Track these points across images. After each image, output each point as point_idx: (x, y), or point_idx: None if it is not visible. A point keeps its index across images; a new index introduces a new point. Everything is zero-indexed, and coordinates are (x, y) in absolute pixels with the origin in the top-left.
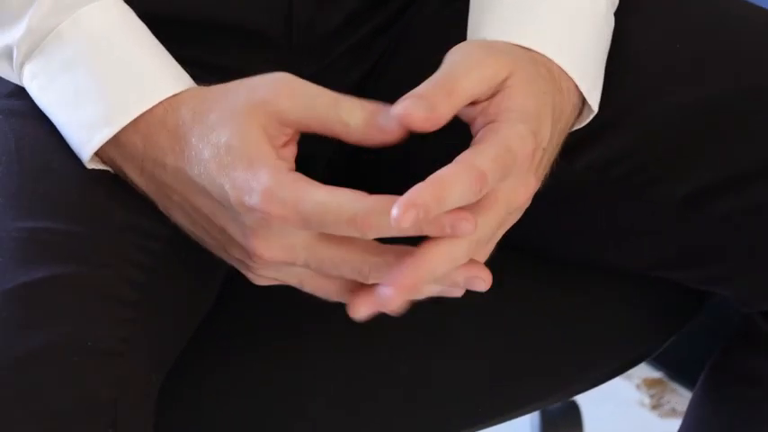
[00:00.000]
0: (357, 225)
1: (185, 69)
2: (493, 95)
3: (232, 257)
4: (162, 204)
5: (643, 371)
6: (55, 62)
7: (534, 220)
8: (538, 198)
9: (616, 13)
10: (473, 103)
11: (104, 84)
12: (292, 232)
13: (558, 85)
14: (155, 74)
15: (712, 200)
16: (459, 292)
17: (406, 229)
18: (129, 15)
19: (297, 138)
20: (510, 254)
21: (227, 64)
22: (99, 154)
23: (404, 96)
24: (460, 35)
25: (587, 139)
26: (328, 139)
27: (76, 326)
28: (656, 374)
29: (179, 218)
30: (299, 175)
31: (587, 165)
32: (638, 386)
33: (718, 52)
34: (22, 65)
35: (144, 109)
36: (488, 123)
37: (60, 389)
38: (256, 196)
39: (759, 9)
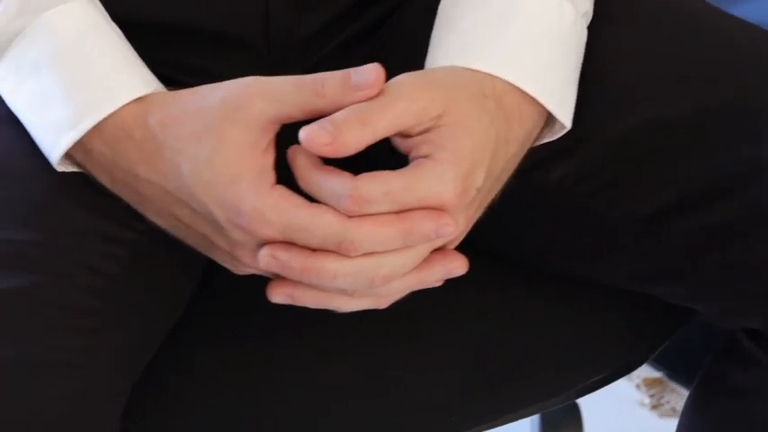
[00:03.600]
0: (342, 248)
1: (164, 71)
2: (428, 131)
3: (215, 257)
4: (136, 207)
5: (643, 371)
6: (22, 64)
7: (510, 230)
8: (514, 207)
9: (590, 26)
10: (406, 136)
11: (69, 86)
12: None
13: (506, 115)
14: (119, 76)
15: (677, 217)
16: (437, 283)
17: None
18: (98, 18)
19: (274, 141)
20: (502, 263)
21: (205, 66)
22: (71, 155)
23: (317, 121)
24: None
25: (561, 152)
26: None
27: (31, 339)
28: (655, 374)
29: (155, 220)
30: (283, 192)
31: (560, 178)
32: (637, 386)
33: (689, 68)
34: None
35: (110, 110)
36: (421, 158)
37: (13, 405)
38: (243, 218)
39: (735, 19)
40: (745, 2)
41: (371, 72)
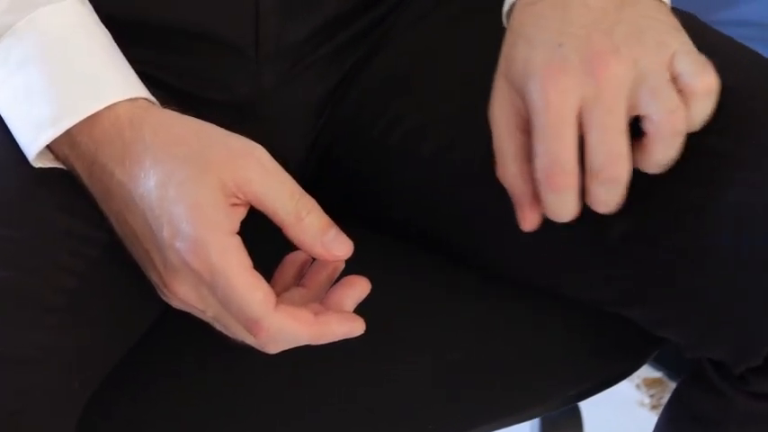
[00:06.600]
0: (251, 330)
1: (149, 70)
2: None
3: (150, 278)
4: (102, 206)
5: (643, 371)
6: (9, 60)
7: (500, 242)
8: (502, 222)
9: None
10: None
11: (55, 83)
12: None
13: None
14: (107, 77)
15: (644, 243)
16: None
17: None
18: (88, 19)
19: (247, 207)
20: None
21: (192, 67)
22: (54, 149)
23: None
24: (435, 47)
25: None
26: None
27: None
28: (656, 374)
29: (114, 225)
30: (234, 244)
31: None
32: (637, 386)
33: None
34: None
35: (93, 110)
36: None
37: None
38: (185, 242)
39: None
40: (745, 2)
41: (345, 249)
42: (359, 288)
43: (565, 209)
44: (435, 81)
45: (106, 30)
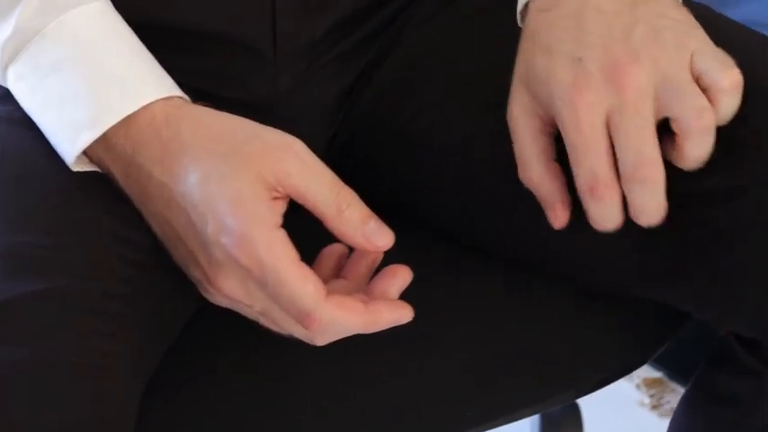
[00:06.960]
0: (304, 322)
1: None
2: None
3: (192, 276)
4: (140, 208)
5: (643, 371)
6: (41, 64)
7: (517, 232)
8: (521, 210)
9: None
10: None
11: (90, 86)
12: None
13: None
14: (140, 77)
15: (671, 228)
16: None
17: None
18: (117, 20)
19: (288, 199)
20: (500, 265)
21: (210, 68)
22: (88, 153)
23: None
24: (449, 45)
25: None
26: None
27: (60, 342)
28: (656, 374)
29: (153, 226)
30: (280, 237)
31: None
32: (637, 386)
33: None
34: (6, 66)
35: (129, 111)
36: None
37: (46, 408)
38: (231, 237)
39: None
40: (745, 2)
41: (386, 239)
42: (401, 277)
43: (609, 218)
44: (450, 79)
45: (132, 30)
